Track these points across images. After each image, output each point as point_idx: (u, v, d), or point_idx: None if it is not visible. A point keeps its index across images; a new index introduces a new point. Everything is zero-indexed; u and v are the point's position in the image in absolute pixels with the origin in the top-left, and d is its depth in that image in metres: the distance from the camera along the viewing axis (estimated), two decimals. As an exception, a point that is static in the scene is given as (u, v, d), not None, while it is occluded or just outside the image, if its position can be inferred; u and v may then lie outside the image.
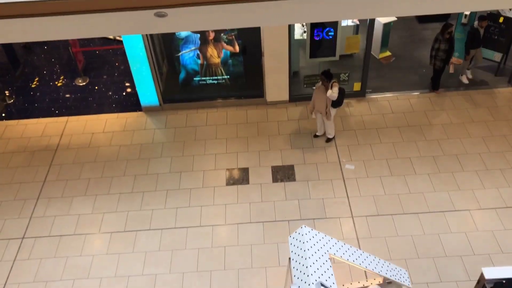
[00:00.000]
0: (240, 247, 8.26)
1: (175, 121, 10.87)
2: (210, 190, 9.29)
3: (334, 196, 8.97)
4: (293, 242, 5.79)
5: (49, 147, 10.32)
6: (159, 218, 8.80)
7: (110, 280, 7.86)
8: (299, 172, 9.47)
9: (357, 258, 6.01)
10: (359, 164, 9.55)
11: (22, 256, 8.30)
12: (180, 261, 8.10)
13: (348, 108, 10.86)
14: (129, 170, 9.74)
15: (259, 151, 9.98)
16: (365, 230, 8.39)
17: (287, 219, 8.63)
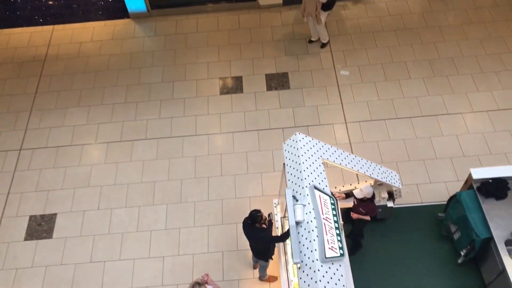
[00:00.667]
0: (235, 155, 8.43)
1: (164, 28, 10.50)
2: (204, 99, 9.25)
3: (328, 102, 8.97)
4: (288, 148, 5.90)
5: (37, 58, 10.05)
6: (155, 128, 8.85)
7: (110, 188, 8.10)
8: (294, 79, 9.37)
9: (349, 162, 6.17)
10: (354, 70, 9.44)
11: (22, 167, 8.46)
12: (178, 168, 8.30)
13: (344, 11, 10.48)
14: (121, 80, 9.59)
15: (252, 59, 9.78)
16: (358, 135, 8.52)
17: (281, 126, 8.71)
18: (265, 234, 5.94)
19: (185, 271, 7.16)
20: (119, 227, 7.67)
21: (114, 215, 7.79)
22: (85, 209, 7.89)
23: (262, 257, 6.33)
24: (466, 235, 6.53)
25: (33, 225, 7.79)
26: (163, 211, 7.82)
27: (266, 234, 5.95)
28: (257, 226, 5.95)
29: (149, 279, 7.12)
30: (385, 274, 6.87)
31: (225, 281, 7.01)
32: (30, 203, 8.02)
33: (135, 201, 7.94)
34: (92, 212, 7.85)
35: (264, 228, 5.99)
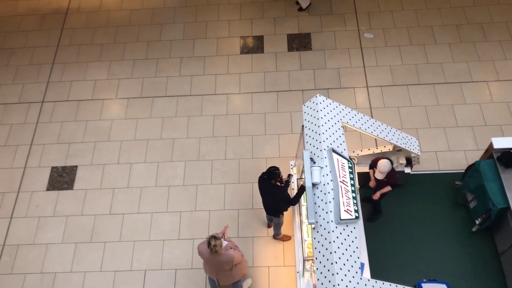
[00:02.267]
0: (254, 115, 8.43)
1: (186, -17, 10.33)
2: (224, 58, 9.18)
3: (350, 65, 8.83)
4: (307, 110, 5.87)
5: (59, 10, 10.03)
6: (174, 85, 8.87)
7: (130, 143, 8.22)
8: (316, 40, 9.21)
9: (369, 127, 6.13)
10: (378, 33, 9.21)
11: (44, 119, 8.61)
12: (196, 126, 8.36)
13: (371, -29, 10.12)
14: (142, 35, 9.55)
15: (274, 18, 9.61)
16: (379, 100, 8.42)
17: (301, 88, 8.64)
18: (279, 191, 6.00)
19: (201, 226, 7.33)
20: (138, 181, 7.83)
21: (133, 170, 7.94)
22: (105, 162, 8.06)
23: (274, 213, 6.43)
24: (483, 204, 6.51)
25: (55, 176, 8.01)
26: (181, 168, 7.95)
27: (281, 191, 6.01)
28: (272, 182, 6.00)
29: (166, 233, 7.32)
30: (399, 239, 6.95)
31: (239, 238, 7.17)
32: (52, 155, 8.21)
33: (154, 157, 8.06)
34: (112, 165, 8.01)
35: (279, 186, 6.05)
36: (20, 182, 7.98)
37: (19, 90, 8.97)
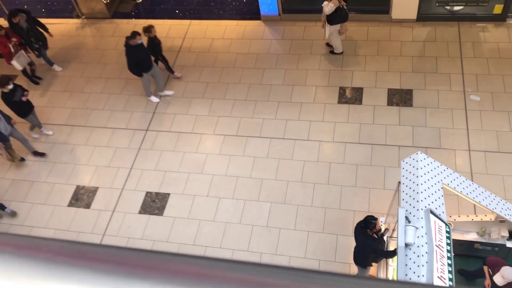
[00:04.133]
0: (345, 165, 8.32)
1: (292, 32, 10.72)
2: (320, 106, 9.27)
3: (452, 126, 8.48)
4: (406, 166, 5.69)
5: (173, 48, 10.85)
6: (269, 127, 9.08)
7: (221, 178, 8.47)
8: (418, 97, 9.00)
9: (471, 192, 5.77)
10: (486, 96, 8.80)
11: (146, 146, 9.20)
12: (286, 170, 8.42)
13: (483, 33, 9.82)
14: (245, 78, 9.99)
15: (376, 71, 9.59)
16: (481, 165, 7.93)
17: (398, 144, 8.42)
18: (372, 243, 5.89)
19: (280, 271, 7.22)
20: (224, 216, 7.99)
21: (221, 204, 8.14)
22: (195, 193, 8.35)
23: (361, 262, 6.30)
24: None
25: (148, 201, 8.43)
26: (266, 209, 7.99)
27: (374, 243, 5.91)
28: (368, 232, 5.92)
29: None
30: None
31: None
32: (148, 180, 8.68)
33: (242, 194, 8.21)
34: (201, 198, 8.28)
35: (374, 237, 5.95)
36: (116, 202, 8.50)
37: (128, 117, 9.71)
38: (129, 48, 8.82)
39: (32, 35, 9.91)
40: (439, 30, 10.02)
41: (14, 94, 8.51)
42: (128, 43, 8.77)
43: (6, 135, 8.39)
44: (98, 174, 8.90)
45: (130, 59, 8.96)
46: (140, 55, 8.94)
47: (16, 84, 8.62)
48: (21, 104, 8.70)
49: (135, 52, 8.85)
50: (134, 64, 8.99)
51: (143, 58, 9.03)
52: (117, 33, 11.47)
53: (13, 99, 8.52)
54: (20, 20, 9.67)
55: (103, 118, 9.77)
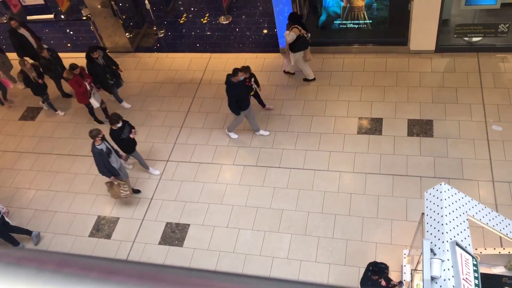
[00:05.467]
0: (366, 196, 8.25)
1: (311, 64, 10.77)
2: (340, 136, 9.28)
3: (475, 157, 8.38)
4: (430, 198, 5.62)
5: (193, 81, 11.07)
6: (289, 158, 9.09)
7: (241, 208, 8.46)
8: (438, 128, 8.95)
9: (497, 224, 5.65)
10: (508, 126, 8.71)
11: (166, 176, 9.27)
12: (306, 201, 8.38)
13: (503, 63, 9.81)
14: (264, 109, 10.07)
15: (395, 102, 9.60)
16: (506, 197, 7.78)
17: (419, 175, 8.33)
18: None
19: (301, 304, 7.09)
20: (244, 247, 7.94)
21: (241, 235, 8.10)
22: (215, 224, 8.33)
23: None
24: None
25: (168, 232, 8.44)
26: (287, 240, 7.92)
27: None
28: (376, 277, 5.79)
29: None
30: None
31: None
32: (169, 211, 8.72)
33: (262, 225, 8.17)
34: (221, 228, 8.25)
35: (382, 284, 5.81)
36: (137, 233, 8.53)
37: (149, 147, 9.85)
38: (231, 85, 8.71)
39: (108, 71, 10.13)
40: (458, 61, 10.04)
41: (123, 131, 8.37)
42: (230, 80, 8.65)
43: (117, 169, 8.38)
44: (119, 204, 8.97)
45: (232, 96, 8.81)
46: (240, 93, 8.77)
47: (124, 121, 8.53)
48: (129, 141, 8.58)
49: (236, 89, 8.70)
50: (235, 101, 8.83)
51: (243, 96, 8.87)
52: (140, 66, 11.77)
53: (122, 136, 8.39)
54: (99, 56, 9.87)
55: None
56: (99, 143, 7.93)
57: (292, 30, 9.40)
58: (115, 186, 8.48)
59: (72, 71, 9.46)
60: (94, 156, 8.06)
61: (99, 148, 7.96)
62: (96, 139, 7.87)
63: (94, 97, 9.84)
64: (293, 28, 9.41)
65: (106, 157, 8.05)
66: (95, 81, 9.93)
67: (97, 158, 8.03)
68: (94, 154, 8.04)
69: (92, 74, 9.92)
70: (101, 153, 7.97)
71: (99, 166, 8.15)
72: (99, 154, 7.97)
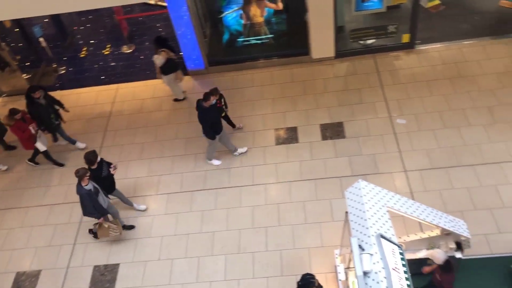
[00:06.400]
0: (293, 204, 8.42)
1: (221, 83, 10.92)
2: (260, 150, 9.42)
3: (385, 151, 8.90)
4: (350, 196, 5.85)
5: (103, 114, 10.68)
6: (213, 178, 9.05)
7: (171, 238, 8.24)
8: (349, 128, 9.41)
9: (414, 211, 6.03)
10: (410, 118, 9.37)
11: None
12: (236, 218, 8.37)
13: (397, 61, 10.58)
14: (180, 133, 9.98)
15: (306, 110, 9.95)
16: (418, 184, 8.33)
17: (338, 175, 8.67)
18: None
19: (245, 323, 7.04)
20: (179, 277, 7.73)
21: (174, 266, 7.87)
22: (147, 259, 8.03)
23: None
24: (546, 289, 6.09)
25: (97, 275, 7.98)
26: (222, 262, 7.83)
27: None
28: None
29: (210, 332, 7.03)
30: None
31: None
32: (95, 253, 8.26)
33: (195, 251, 8.02)
34: (153, 262, 7.97)
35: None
36: (63, 283, 7.98)
37: (65, 190, 9.30)
38: (204, 110, 8.45)
39: (52, 111, 9.40)
40: (357, 64, 10.66)
41: (102, 169, 7.90)
42: (202, 106, 8.41)
43: (106, 208, 7.82)
44: (39, 255, 8.35)
45: (206, 121, 8.55)
46: (214, 116, 8.59)
47: (101, 158, 7.96)
48: (110, 178, 8.10)
49: (210, 113, 8.49)
50: (210, 126, 8.62)
51: (217, 119, 8.69)
52: (42, 106, 11.13)
53: (102, 174, 7.89)
54: (40, 95, 9.10)
55: (36, 196, 9.30)
56: (87, 183, 7.43)
57: (161, 54, 9.63)
58: (104, 227, 7.96)
59: (12, 117, 8.78)
60: (82, 198, 7.51)
61: (87, 189, 7.46)
62: (84, 179, 7.37)
63: (40, 140, 9.21)
64: (161, 51, 9.63)
65: (95, 197, 7.57)
66: (39, 124, 9.24)
67: (86, 199, 7.50)
68: (81, 196, 7.49)
69: (35, 117, 9.22)
70: (90, 194, 7.47)
71: (87, 208, 7.63)
72: (88, 195, 7.46)
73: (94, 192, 7.56)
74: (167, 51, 9.72)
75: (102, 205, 7.72)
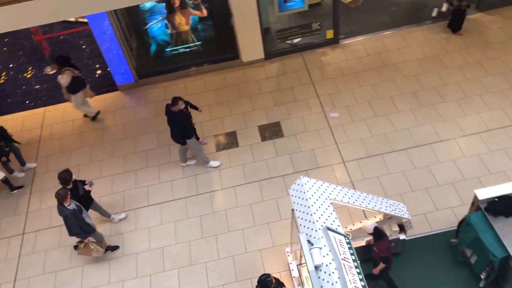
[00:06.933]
0: (240, 208, 8.42)
1: (154, 95, 10.76)
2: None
3: (323, 145, 9.12)
4: (294, 193, 5.95)
5: (32, 140, 10.15)
6: (156, 193, 8.86)
7: (119, 259, 7.98)
8: (286, 127, 9.56)
9: (356, 200, 6.22)
10: (342, 111, 9.68)
11: (27, 251, 8.33)
12: (184, 230, 8.24)
13: (324, 57, 10.88)
14: (117, 151, 9.69)
15: (243, 113, 10.00)
16: (357, 173, 8.61)
17: (281, 174, 8.78)
18: None
19: (206, 335, 6.94)
20: (132, 299, 7.49)
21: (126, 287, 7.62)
22: (95, 285, 7.71)
23: None
24: (483, 257, 6.49)
25: (44, 310, 7.57)
26: (175, 277, 7.68)
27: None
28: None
29: None
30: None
31: None
32: (39, 287, 7.82)
33: (145, 270, 7.80)
34: (103, 287, 7.67)
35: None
36: (7, 323, 7.49)
37: (-2, 225, 8.76)
38: (173, 115, 8.25)
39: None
40: (287, 63, 10.87)
41: (78, 188, 7.59)
42: (171, 110, 8.23)
43: (92, 226, 7.54)
44: None
45: (175, 126, 8.40)
46: (184, 121, 8.39)
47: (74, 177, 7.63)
48: (87, 196, 7.79)
49: (179, 118, 8.31)
50: (179, 131, 8.40)
51: (187, 124, 8.50)
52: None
53: (79, 193, 7.59)
54: None
55: None
56: (69, 202, 7.08)
57: (65, 73, 9.40)
58: (89, 247, 7.61)
59: None
60: (67, 219, 7.16)
61: (71, 209, 7.11)
62: (67, 199, 7.04)
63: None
64: (65, 70, 9.41)
65: (80, 215, 7.23)
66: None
67: (71, 220, 7.15)
68: (66, 217, 7.13)
69: None
70: (74, 213, 7.14)
71: (73, 228, 7.27)
72: (73, 215, 7.12)
73: (78, 210, 7.32)
74: (71, 70, 9.46)
75: (88, 223, 7.49)
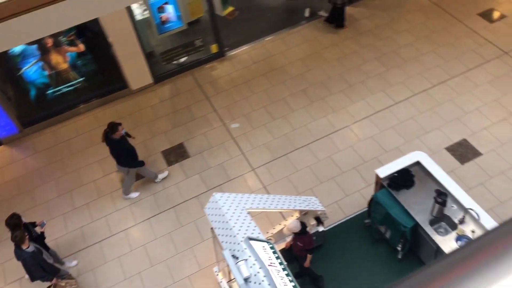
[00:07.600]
0: (159, 239, 8.16)
1: (43, 142, 10.05)
2: (108, 197, 8.91)
3: (230, 157, 9.18)
4: (210, 211, 5.90)
5: None
6: (66, 245, 8.26)
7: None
8: (191, 147, 9.47)
9: (271, 204, 6.33)
10: (242, 120, 9.82)
11: None
12: (104, 277, 7.78)
13: (213, 71, 10.98)
14: (15, 209, 8.83)
15: (143, 141, 9.71)
16: (268, 177, 8.78)
17: (194, 195, 8.67)
18: None
19: None
20: None
21: None
22: None
23: None
24: (396, 230, 6.94)
25: None
26: (104, 327, 7.21)
27: None
28: None
29: None
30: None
31: None
32: None
33: (70, 329, 7.22)
34: None
35: None
36: None
37: None
38: (116, 142, 7.88)
39: None
40: (178, 83, 10.80)
41: (31, 232, 7.08)
42: (112, 138, 7.83)
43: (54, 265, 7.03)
44: None
45: (120, 152, 8.06)
46: (127, 146, 8.08)
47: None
48: (41, 238, 7.29)
49: (123, 144, 8.00)
50: (125, 155, 8.09)
51: (131, 147, 8.15)
52: None
53: (33, 236, 7.08)
54: None
55: None
56: (28, 245, 6.54)
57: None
58: (61, 285, 6.89)
59: None
60: (27, 263, 6.45)
61: (31, 251, 6.43)
62: (25, 242, 6.47)
63: None
64: None
65: (41, 256, 6.54)
66: None
67: (32, 263, 6.45)
68: (25, 261, 6.44)
69: None
70: (35, 256, 6.57)
71: (36, 272, 6.58)
72: (33, 257, 6.43)
73: (38, 251, 6.67)
74: None
75: (51, 264, 6.88)
